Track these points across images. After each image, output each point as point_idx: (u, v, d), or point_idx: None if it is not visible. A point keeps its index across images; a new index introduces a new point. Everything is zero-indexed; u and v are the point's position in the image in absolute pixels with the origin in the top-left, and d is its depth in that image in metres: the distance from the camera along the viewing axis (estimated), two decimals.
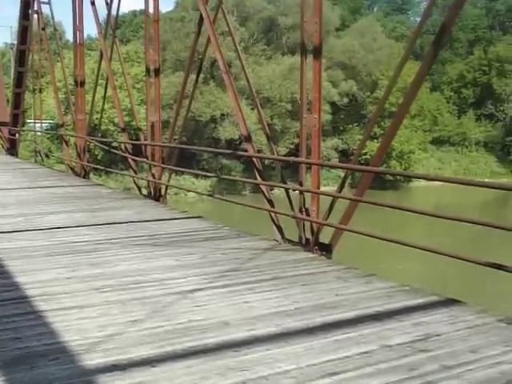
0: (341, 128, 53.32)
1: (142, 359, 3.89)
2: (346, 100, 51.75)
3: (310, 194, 7.05)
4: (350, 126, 53.78)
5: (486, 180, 58.71)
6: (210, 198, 13.25)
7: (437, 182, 53.35)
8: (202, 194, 24.08)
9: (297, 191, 7.37)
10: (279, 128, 47.09)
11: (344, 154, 51.34)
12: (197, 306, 4.99)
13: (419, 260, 21.81)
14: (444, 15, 5.03)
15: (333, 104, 49.45)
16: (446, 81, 66.56)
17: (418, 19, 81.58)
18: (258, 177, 8.27)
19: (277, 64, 49.22)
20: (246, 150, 8.67)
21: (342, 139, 52.75)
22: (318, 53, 6.75)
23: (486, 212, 41.21)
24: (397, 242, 5.91)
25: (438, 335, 4.36)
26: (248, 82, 8.82)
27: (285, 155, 40.88)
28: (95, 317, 4.73)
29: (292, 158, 7.53)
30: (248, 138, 8.46)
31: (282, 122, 47.53)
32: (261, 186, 8.26)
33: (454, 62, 68.99)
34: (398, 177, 50.20)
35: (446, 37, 5.42)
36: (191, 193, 36.43)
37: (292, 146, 46.79)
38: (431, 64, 5.65)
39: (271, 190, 8.46)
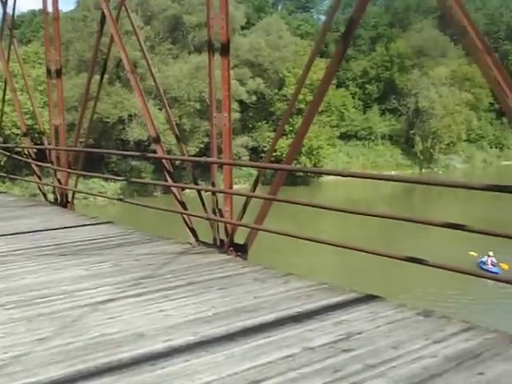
0: (250, 126, 53.48)
1: (51, 381, 3.62)
2: (254, 98, 51.89)
3: (223, 194, 6.90)
4: (259, 123, 54.02)
5: (393, 172, 60.49)
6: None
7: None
8: (111, 199, 23.45)
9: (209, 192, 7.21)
10: (188, 128, 46.68)
11: (254, 152, 51.54)
12: (110, 318, 4.74)
13: (334, 254, 22.13)
14: (349, 11, 4.96)
15: (241, 102, 49.49)
16: (351, 77, 68.02)
17: (322, 17, 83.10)
18: (168, 178, 8.05)
19: (184, 63, 48.74)
20: (155, 151, 8.42)
21: (251, 137, 52.90)
22: (225, 50, 6.61)
23: (394, 204, 42.38)
24: (313, 240, 5.85)
25: (359, 333, 4.31)
26: (155, 81, 8.58)
27: (195, 155, 40.60)
28: None
29: (203, 159, 7.37)
30: (157, 139, 8.22)
31: (191, 121, 47.14)
32: (172, 188, 8.04)
33: (358, 58, 70.61)
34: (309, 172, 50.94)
35: (353, 32, 5.39)
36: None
37: (202, 146, 46.50)
38: (341, 59, 5.61)
39: (182, 190, 8.26)
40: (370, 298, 5.13)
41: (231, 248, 6.80)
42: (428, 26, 67.23)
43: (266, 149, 49.81)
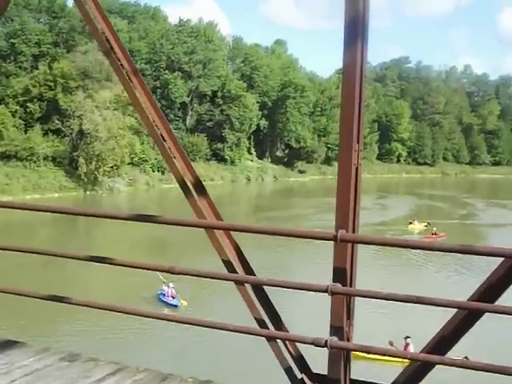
0: None
1: None
2: None
3: None
4: None
5: (56, 195, 58.91)
6: None
7: (5, 198, 51.29)
8: None
9: None
10: None
11: None
12: None
13: None
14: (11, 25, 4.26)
15: None
16: (11, 94, 64.75)
17: None
18: None
19: None
20: None
21: None
22: None
23: (57, 226, 41.09)
24: None
25: None
26: None
27: None
28: None
29: None
30: None
31: None
32: None
33: (19, 75, 67.63)
34: None
35: None
36: None
37: None
38: None
39: None
40: (8, 345, 4.47)
41: None
42: (93, 49, 67.29)
43: None
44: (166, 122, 4.25)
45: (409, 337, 18.22)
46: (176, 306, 22.22)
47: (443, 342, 3.45)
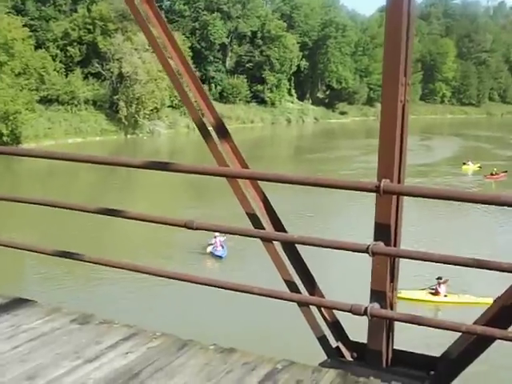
0: None
1: None
2: None
3: None
4: None
5: (98, 138, 59.08)
6: None
7: (47, 142, 51.81)
8: None
9: None
10: None
11: None
12: None
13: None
14: None
15: None
16: (51, 38, 64.42)
17: None
18: None
19: None
20: None
21: None
22: None
23: (98, 169, 41.08)
24: None
25: None
26: None
27: None
28: None
29: None
30: None
31: None
32: None
33: (59, 19, 67.12)
34: (6, 139, 47.64)
35: None
36: None
37: None
38: None
39: None
40: (17, 303, 4.11)
41: None
42: None
43: None
44: (182, 55, 3.75)
45: (441, 277, 17.07)
46: (221, 257, 20.76)
47: (504, 313, 2.92)
